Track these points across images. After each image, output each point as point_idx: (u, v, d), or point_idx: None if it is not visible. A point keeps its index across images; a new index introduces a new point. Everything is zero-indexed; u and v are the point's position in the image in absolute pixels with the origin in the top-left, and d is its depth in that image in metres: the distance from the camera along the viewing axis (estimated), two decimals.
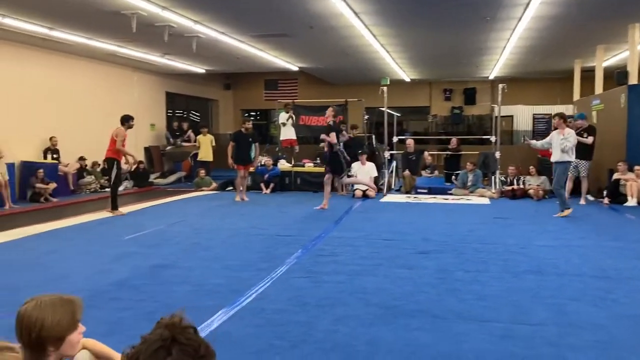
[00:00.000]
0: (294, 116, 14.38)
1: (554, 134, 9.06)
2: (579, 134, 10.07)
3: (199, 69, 17.20)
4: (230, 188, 13.54)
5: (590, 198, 11.02)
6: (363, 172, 11.98)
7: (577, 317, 3.93)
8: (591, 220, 8.68)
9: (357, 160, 12.09)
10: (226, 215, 9.41)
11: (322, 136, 10.40)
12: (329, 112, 10.25)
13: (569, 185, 10.37)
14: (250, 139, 11.55)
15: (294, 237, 7.09)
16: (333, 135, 9.83)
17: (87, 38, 11.84)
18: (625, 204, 10.42)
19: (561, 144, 8.72)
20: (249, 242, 6.83)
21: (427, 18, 10.63)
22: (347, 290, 4.65)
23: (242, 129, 11.65)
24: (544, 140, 9.48)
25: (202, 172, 14.00)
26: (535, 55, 14.86)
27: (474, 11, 9.91)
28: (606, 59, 14.44)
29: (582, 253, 6.11)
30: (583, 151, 10.32)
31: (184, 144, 16.93)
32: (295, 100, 16.14)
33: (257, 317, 3.97)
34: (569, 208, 8.89)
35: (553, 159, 8.99)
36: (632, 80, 11.30)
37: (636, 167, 10.57)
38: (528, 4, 9.26)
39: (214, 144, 15.24)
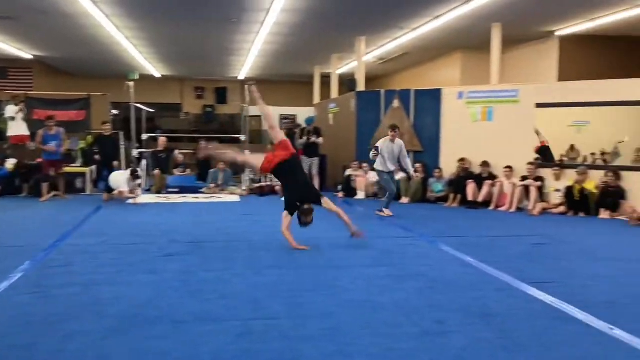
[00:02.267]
0: (25, 110, 12.81)
1: (388, 144, 9.07)
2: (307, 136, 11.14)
3: None
4: None
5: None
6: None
7: (309, 307, 4.22)
8: (326, 215, 9.47)
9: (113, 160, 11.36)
10: None
11: None
12: None
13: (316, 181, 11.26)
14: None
15: (22, 248, 6.30)
16: None
17: None
18: (356, 197, 11.71)
19: (405, 156, 9.19)
20: None
21: (171, 13, 10.43)
22: (80, 303, 4.27)
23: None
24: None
25: None
26: (280, 59, 15.74)
27: (219, 11, 10.04)
28: (340, 67, 16.02)
29: (318, 245, 6.63)
30: (314, 150, 11.30)
31: None
32: (29, 92, 14.44)
33: None
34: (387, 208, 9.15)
35: (390, 168, 9.10)
36: (360, 87, 12.72)
37: (363, 164, 11.94)
38: (269, 10, 9.72)
39: None
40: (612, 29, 11.18)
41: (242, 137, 13.56)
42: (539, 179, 10.17)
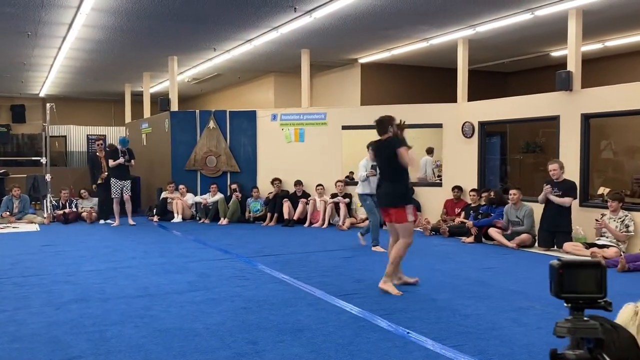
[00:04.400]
0: None
1: (369, 163, 7.97)
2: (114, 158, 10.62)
3: None
4: None
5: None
6: None
7: (117, 341, 3.98)
8: (146, 240, 9.06)
9: None
10: None
11: None
12: None
13: (116, 208, 10.70)
14: None
15: None
16: None
17: None
18: (172, 221, 11.36)
19: None
20: None
21: None
22: None
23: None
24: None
25: None
26: (86, 76, 14.76)
27: (11, 23, 9.12)
28: (152, 85, 15.52)
29: (129, 273, 6.30)
30: (126, 172, 10.76)
31: None
32: None
33: None
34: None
35: (373, 191, 7.57)
36: (173, 107, 12.44)
37: (181, 186, 11.66)
38: (71, 25, 9.09)
39: None
40: (406, 58, 12.42)
41: (43, 160, 12.40)
42: (347, 195, 10.85)
